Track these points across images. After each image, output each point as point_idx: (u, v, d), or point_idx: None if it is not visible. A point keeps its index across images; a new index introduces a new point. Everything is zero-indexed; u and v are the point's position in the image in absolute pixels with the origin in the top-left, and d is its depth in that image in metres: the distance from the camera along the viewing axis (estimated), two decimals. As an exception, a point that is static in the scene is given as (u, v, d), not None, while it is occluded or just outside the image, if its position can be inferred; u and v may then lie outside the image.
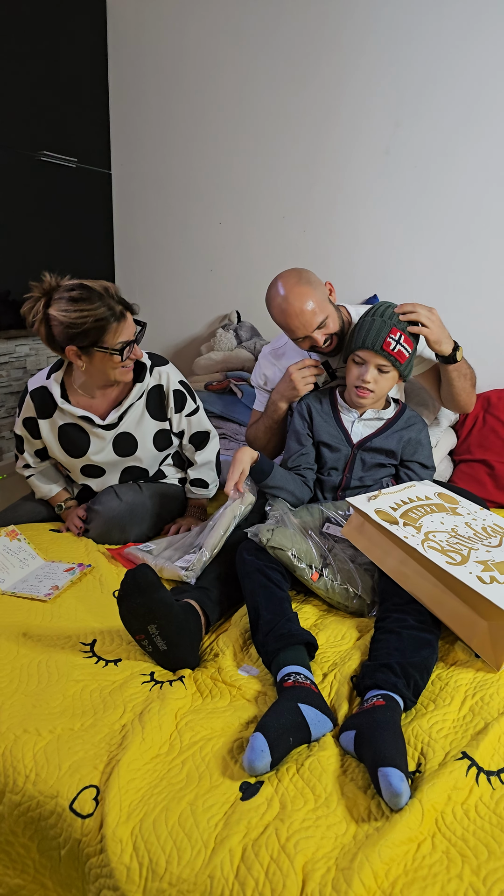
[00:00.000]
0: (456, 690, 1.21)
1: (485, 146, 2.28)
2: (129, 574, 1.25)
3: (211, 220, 2.84)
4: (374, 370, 1.72)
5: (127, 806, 0.97)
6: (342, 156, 2.52)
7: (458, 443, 2.38)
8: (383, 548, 1.45)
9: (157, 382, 1.91)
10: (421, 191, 2.42)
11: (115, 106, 2.91)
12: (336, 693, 1.23)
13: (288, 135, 2.59)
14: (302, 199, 2.63)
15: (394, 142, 2.42)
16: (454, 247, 2.42)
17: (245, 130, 2.67)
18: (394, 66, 2.35)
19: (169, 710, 1.15)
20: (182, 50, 2.72)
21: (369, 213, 2.53)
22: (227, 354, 2.62)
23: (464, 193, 2.36)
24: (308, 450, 1.85)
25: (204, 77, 2.70)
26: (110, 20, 2.81)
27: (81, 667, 1.28)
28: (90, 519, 1.92)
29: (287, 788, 1.00)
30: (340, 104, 2.47)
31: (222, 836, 0.91)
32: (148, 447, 1.95)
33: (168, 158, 2.86)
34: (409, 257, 2.50)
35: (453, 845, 0.89)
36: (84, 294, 1.66)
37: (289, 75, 2.54)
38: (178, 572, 1.60)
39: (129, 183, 2.98)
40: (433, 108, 2.33)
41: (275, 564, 1.49)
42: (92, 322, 1.66)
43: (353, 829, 0.92)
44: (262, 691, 1.24)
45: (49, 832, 1.00)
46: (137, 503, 1.92)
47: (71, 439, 1.90)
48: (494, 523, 1.54)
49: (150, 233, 3.00)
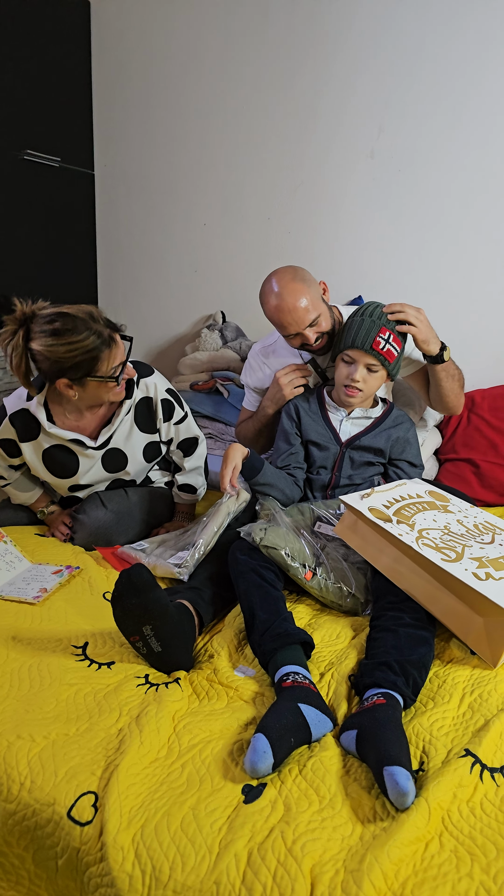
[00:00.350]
0: (454, 688, 1.20)
1: (468, 149, 2.29)
2: (123, 574, 1.22)
3: (195, 221, 2.82)
4: (364, 369, 1.72)
5: (127, 812, 0.95)
6: (327, 158, 2.51)
7: (443, 442, 2.39)
8: (377, 546, 1.45)
9: (144, 395, 1.83)
10: (405, 193, 2.43)
11: (99, 105, 2.88)
12: (334, 693, 1.22)
13: (273, 137, 2.58)
14: (287, 201, 2.62)
15: (378, 145, 2.42)
16: (438, 248, 2.42)
17: (230, 132, 2.66)
18: (378, 69, 2.36)
19: (166, 712, 1.13)
20: (166, 50, 2.70)
21: (354, 214, 2.53)
22: (212, 354, 2.60)
23: (447, 196, 2.36)
24: (297, 449, 1.85)
25: (188, 77, 2.69)
26: (94, 20, 2.78)
27: (74, 670, 1.26)
28: (75, 528, 1.87)
29: (290, 790, 0.98)
30: (325, 107, 2.47)
31: (227, 841, 0.89)
32: (138, 460, 1.89)
33: (152, 159, 2.84)
34: (393, 258, 2.50)
35: (461, 844, 0.88)
36: (67, 325, 1.54)
37: (273, 77, 2.53)
38: (172, 569, 1.59)
39: (113, 183, 2.95)
40: (417, 112, 2.34)
41: (268, 564, 1.48)
42: (83, 354, 1.56)
43: (360, 829, 0.91)
44: (260, 692, 1.23)
45: (45, 841, 0.98)
46: (123, 511, 1.88)
47: (58, 461, 1.81)
48: (486, 520, 1.54)
49: (134, 233, 2.97)
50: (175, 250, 2.90)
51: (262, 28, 2.50)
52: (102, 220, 3.03)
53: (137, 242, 2.98)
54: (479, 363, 2.44)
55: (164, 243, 2.92)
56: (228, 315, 2.80)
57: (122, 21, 2.75)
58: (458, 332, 2.42)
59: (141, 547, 1.76)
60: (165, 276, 2.94)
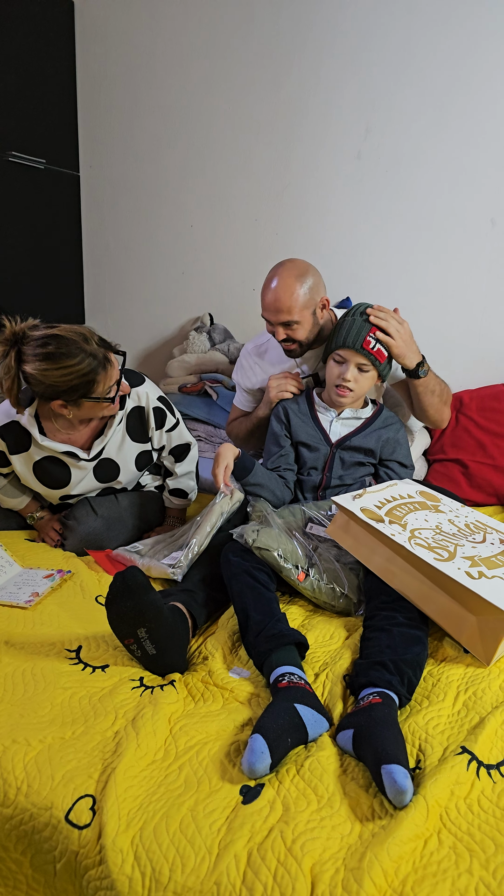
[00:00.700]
0: (448, 686, 1.21)
1: (454, 150, 2.31)
2: (118, 576, 1.22)
3: (182, 223, 2.82)
4: (355, 369, 1.73)
5: (126, 814, 0.94)
6: (314, 159, 2.52)
7: (431, 443, 2.41)
8: (370, 546, 1.45)
9: (136, 404, 1.81)
10: (392, 195, 2.44)
11: (84, 106, 2.87)
12: (329, 693, 1.22)
13: (260, 138, 2.59)
14: (274, 202, 2.63)
15: (365, 146, 2.43)
16: (425, 249, 2.44)
17: (217, 133, 2.66)
18: (364, 71, 2.37)
19: (162, 715, 1.13)
20: (151, 51, 2.69)
21: (341, 216, 2.54)
22: (200, 357, 2.60)
23: (434, 197, 2.38)
24: (287, 451, 1.86)
25: (174, 78, 2.69)
26: (78, 20, 2.77)
27: (68, 674, 1.25)
28: (65, 535, 1.87)
29: (289, 790, 0.98)
30: (311, 108, 2.48)
31: (226, 842, 0.90)
32: (130, 469, 1.88)
33: (138, 160, 2.84)
34: (380, 259, 2.52)
35: (460, 840, 0.88)
36: (61, 348, 1.49)
37: (260, 78, 2.53)
38: (166, 570, 1.58)
39: (99, 184, 2.94)
40: (403, 114, 2.35)
41: (261, 565, 1.48)
42: (78, 377, 1.52)
43: (359, 828, 0.91)
44: (255, 693, 1.23)
45: (43, 845, 0.97)
46: (114, 517, 1.87)
47: (49, 473, 1.79)
48: (476, 520, 1.55)
49: (120, 235, 2.96)
50: (162, 252, 2.90)
51: (249, 30, 2.50)
52: (88, 222, 3.02)
53: (124, 244, 2.97)
54: (465, 363, 2.47)
55: (150, 245, 2.92)
56: (216, 317, 2.80)
57: (107, 22, 2.75)
58: (445, 332, 2.45)
59: (136, 549, 1.76)
60: (152, 278, 2.94)
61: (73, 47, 2.80)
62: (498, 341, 2.42)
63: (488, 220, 2.33)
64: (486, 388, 2.37)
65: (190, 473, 2.01)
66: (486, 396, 2.33)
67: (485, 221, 2.33)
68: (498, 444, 2.26)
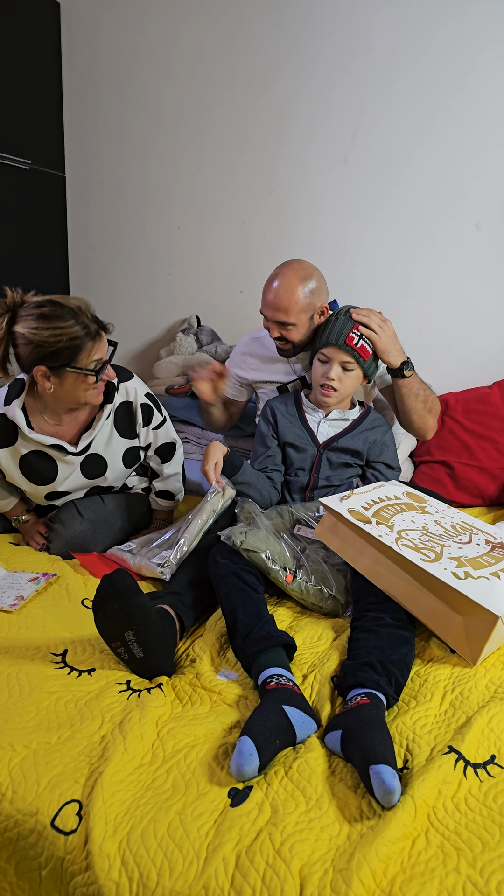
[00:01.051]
0: (435, 686, 1.21)
1: (440, 156, 2.32)
2: (105, 579, 1.21)
3: (169, 225, 2.81)
4: (339, 367, 1.74)
5: (113, 819, 0.94)
6: (301, 163, 2.53)
7: (418, 445, 2.41)
8: (357, 547, 1.45)
9: (124, 399, 1.81)
10: (379, 199, 2.45)
11: (69, 107, 2.87)
12: (317, 694, 1.22)
13: (247, 140, 2.59)
14: (262, 205, 2.63)
15: (352, 150, 2.44)
16: (411, 254, 2.45)
17: (204, 135, 2.66)
18: (351, 74, 2.38)
19: (149, 718, 1.12)
20: (138, 52, 2.69)
21: (328, 219, 2.54)
22: (187, 358, 2.60)
23: (420, 202, 2.39)
24: (274, 451, 1.86)
25: (161, 80, 2.68)
26: (64, 20, 2.77)
27: (54, 678, 1.24)
28: (51, 538, 1.85)
29: (277, 792, 0.98)
30: (299, 111, 2.49)
31: (214, 845, 0.89)
32: (117, 466, 1.86)
33: (124, 161, 2.83)
34: (366, 262, 2.52)
35: (447, 839, 0.88)
36: (56, 311, 1.53)
37: (247, 82, 2.54)
38: (155, 569, 1.58)
39: (85, 185, 2.93)
40: (390, 118, 2.36)
41: (249, 567, 1.48)
42: (66, 341, 1.53)
43: (347, 829, 0.91)
44: (243, 695, 1.22)
45: (28, 852, 0.96)
46: (100, 520, 1.86)
47: (35, 468, 1.77)
48: (462, 521, 1.56)
49: (107, 236, 2.95)
50: (149, 254, 2.89)
51: (236, 32, 2.51)
52: (74, 223, 3.01)
53: (110, 246, 2.96)
54: (451, 366, 2.47)
55: (137, 247, 2.91)
56: (203, 319, 2.80)
57: (93, 22, 2.74)
58: (431, 335, 2.45)
59: (128, 548, 1.75)
60: (139, 279, 2.93)
61: (58, 48, 2.79)
62: (483, 344, 2.43)
63: (473, 224, 2.34)
64: (471, 391, 2.38)
65: (177, 475, 2.01)
66: (471, 399, 2.34)
67: (470, 226, 2.35)
68: (483, 447, 2.27)
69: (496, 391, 2.32)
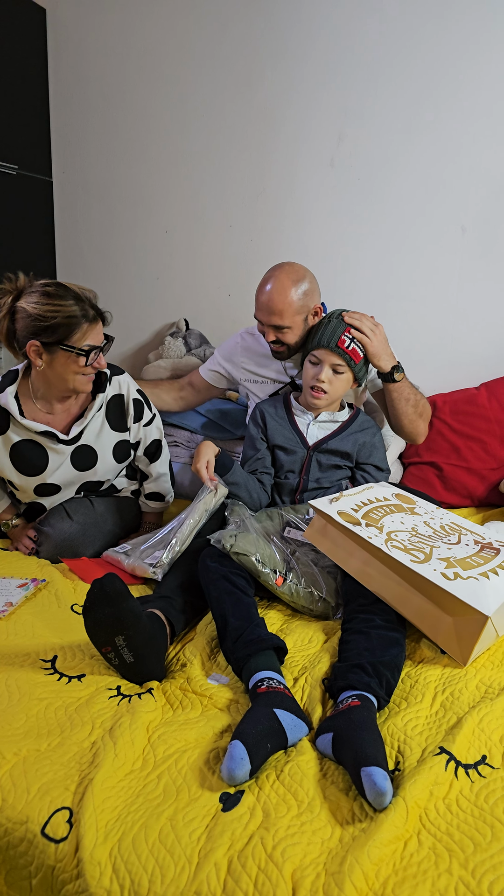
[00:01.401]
0: (426, 687, 1.21)
1: (426, 159, 2.34)
2: (96, 584, 1.20)
3: (157, 229, 2.81)
4: (329, 370, 1.74)
5: (103, 826, 0.93)
6: (288, 167, 2.53)
7: (406, 446, 2.42)
8: (347, 549, 1.45)
9: (116, 391, 1.84)
10: (365, 201, 2.46)
11: (56, 112, 2.86)
12: (308, 697, 1.22)
13: (234, 144, 2.59)
14: (249, 209, 2.63)
15: (338, 154, 2.45)
16: (397, 256, 2.46)
17: (191, 139, 2.66)
18: (337, 78, 2.39)
19: (140, 723, 1.12)
20: (124, 57, 2.69)
21: (315, 222, 2.55)
22: (176, 362, 2.59)
23: (406, 205, 2.40)
24: (263, 454, 1.86)
25: (147, 84, 2.68)
26: (50, 25, 2.76)
27: (43, 684, 1.23)
28: (40, 541, 1.84)
29: (269, 796, 0.98)
30: (285, 115, 2.49)
31: (206, 850, 0.89)
32: (108, 460, 1.86)
33: (111, 165, 2.83)
34: (354, 266, 2.53)
35: (439, 841, 0.88)
36: (59, 291, 1.60)
37: (233, 86, 2.54)
38: (147, 570, 1.57)
39: (72, 190, 2.93)
40: (376, 121, 2.37)
41: (239, 570, 1.48)
42: (62, 318, 1.58)
43: (339, 832, 0.91)
44: (234, 699, 1.22)
45: (19, 861, 0.95)
46: (89, 523, 1.85)
47: (26, 457, 1.77)
48: (452, 521, 1.56)
49: (94, 241, 2.95)
50: (137, 258, 2.89)
51: (222, 37, 2.51)
52: (61, 227, 3.00)
53: (98, 250, 2.96)
54: (438, 368, 2.49)
55: (125, 251, 2.91)
56: (192, 322, 2.80)
57: (79, 27, 2.74)
58: (418, 337, 2.47)
59: (123, 549, 1.75)
60: (127, 283, 2.92)
61: (45, 53, 2.78)
62: (470, 346, 2.45)
63: (459, 227, 2.36)
64: (459, 392, 2.40)
65: (165, 476, 2.01)
66: (459, 400, 2.35)
67: (456, 228, 2.36)
68: (471, 448, 2.28)
69: (484, 392, 2.33)
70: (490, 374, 2.40)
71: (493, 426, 2.27)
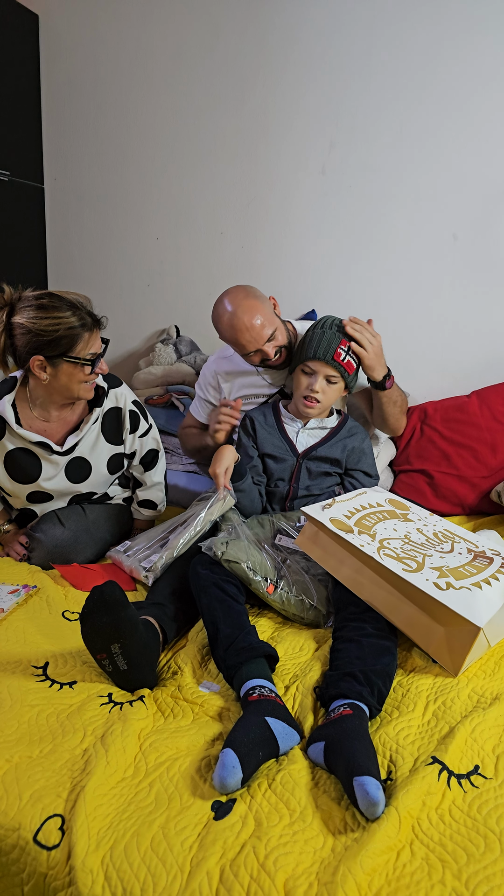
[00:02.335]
0: (418, 696, 1.21)
1: (417, 166, 2.35)
2: (96, 591, 1.20)
3: (148, 235, 2.81)
4: (323, 380, 1.74)
5: (95, 834, 0.93)
6: (279, 174, 2.54)
7: (397, 454, 2.43)
8: (338, 557, 1.46)
9: (113, 405, 1.84)
10: (356, 209, 2.47)
11: (48, 119, 2.86)
12: (300, 705, 1.22)
13: (225, 151, 2.60)
14: (240, 216, 2.64)
15: (329, 161, 2.46)
16: (388, 263, 2.47)
17: (182, 146, 2.67)
18: (327, 86, 2.40)
19: (131, 731, 1.12)
20: (116, 64, 2.69)
21: (306, 229, 2.56)
22: (167, 369, 2.59)
23: (398, 212, 2.42)
24: (256, 461, 1.86)
25: (139, 92, 2.69)
26: (42, 32, 2.76)
27: (35, 691, 1.23)
28: (32, 547, 1.83)
29: (261, 805, 0.98)
30: (276, 123, 2.50)
31: (198, 859, 0.88)
32: (101, 472, 1.86)
33: (103, 172, 2.83)
34: (344, 273, 2.54)
35: (432, 851, 0.89)
36: (54, 303, 1.59)
37: (225, 92, 2.55)
38: (140, 574, 1.57)
39: (63, 197, 2.93)
40: (367, 129, 2.38)
41: (230, 578, 1.48)
42: (64, 330, 1.58)
43: (331, 841, 0.91)
44: (226, 707, 1.22)
45: (10, 868, 0.95)
46: (81, 529, 1.85)
47: (20, 465, 1.77)
48: (445, 529, 1.57)
49: (85, 247, 2.95)
50: (127, 264, 2.89)
51: (213, 44, 2.52)
52: (53, 234, 3.00)
53: (89, 257, 2.96)
54: (429, 375, 2.50)
55: (116, 258, 2.91)
56: (182, 329, 2.80)
57: (72, 34, 2.74)
58: (409, 344, 2.48)
59: (124, 547, 1.73)
60: (118, 290, 2.92)
61: (37, 60, 2.78)
62: (461, 353, 2.46)
63: (450, 234, 2.37)
64: (449, 400, 2.40)
65: (159, 484, 2.00)
66: (450, 408, 2.36)
67: (447, 236, 2.37)
68: (462, 455, 2.29)
69: (475, 400, 2.34)
70: (481, 382, 2.41)
71: (484, 434, 2.28)
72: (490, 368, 2.42)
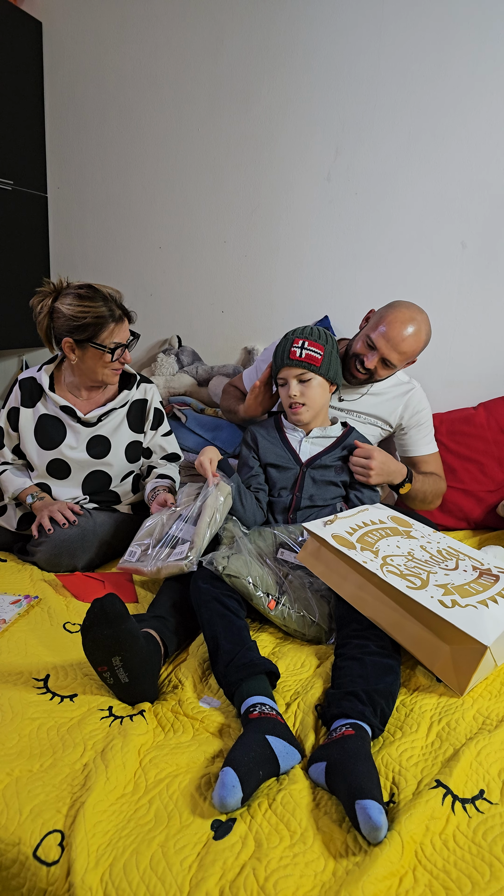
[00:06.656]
0: (421, 717, 1.20)
1: (424, 173, 2.35)
2: (97, 603, 1.20)
3: (151, 245, 2.82)
4: (295, 382, 1.78)
5: (95, 850, 0.92)
6: (284, 181, 2.54)
7: (400, 467, 2.41)
8: (341, 573, 1.45)
9: (142, 396, 2.03)
10: (362, 216, 2.47)
11: (51, 128, 2.87)
12: (301, 723, 1.20)
13: (229, 160, 2.61)
14: (244, 224, 2.64)
15: (335, 168, 2.46)
16: (395, 272, 2.47)
17: (185, 154, 2.68)
18: (333, 92, 2.40)
19: (132, 746, 1.11)
20: (120, 72, 2.70)
21: (312, 237, 2.56)
22: (168, 379, 2.59)
23: (405, 220, 2.41)
24: (258, 471, 1.86)
25: (143, 99, 2.70)
26: (46, 40, 2.78)
27: (36, 704, 1.22)
28: (39, 542, 1.85)
29: (261, 825, 0.96)
30: (281, 130, 2.51)
31: (198, 879, 0.87)
32: (119, 455, 1.99)
33: (106, 181, 2.84)
34: (350, 282, 2.54)
35: (435, 878, 0.87)
36: (90, 293, 1.80)
37: (229, 100, 2.56)
38: (180, 564, 1.55)
39: (66, 206, 2.94)
40: (373, 135, 2.38)
41: (231, 592, 1.47)
42: (92, 318, 1.77)
43: (332, 865, 0.90)
44: (226, 724, 1.21)
45: (10, 883, 0.94)
46: (88, 529, 1.89)
47: (47, 430, 1.95)
48: (449, 546, 1.56)
49: (88, 256, 2.95)
50: (130, 274, 2.89)
51: (218, 51, 2.53)
52: (56, 243, 3.01)
53: (92, 266, 2.96)
54: (436, 387, 2.48)
55: (119, 267, 2.91)
56: (185, 339, 2.80)
57: (75, 42, 2.75)
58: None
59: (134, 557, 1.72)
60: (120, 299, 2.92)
61: (40, 67, 2.80)
62: (468, 365, 2.45)
63: (458, 242, 2.36)
64: (456, 412, 2.38)
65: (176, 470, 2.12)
66: (456, 420, 2.34)
67: (455, 244, 2.37)
68: (468, 469, 2.27)
69: (482, 412, 2.32)
70: (489, 394, 2.40)
71: (490, 447, 2.26)
72: (498, 379, 2.41)
